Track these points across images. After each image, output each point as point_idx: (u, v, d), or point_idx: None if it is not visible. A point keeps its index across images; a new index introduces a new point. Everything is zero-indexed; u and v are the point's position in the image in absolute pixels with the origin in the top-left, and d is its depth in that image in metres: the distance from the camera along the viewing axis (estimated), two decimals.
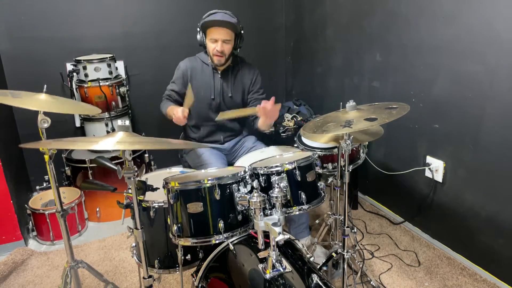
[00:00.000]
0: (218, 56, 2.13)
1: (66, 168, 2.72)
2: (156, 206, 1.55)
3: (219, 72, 2.24)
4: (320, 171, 1.65)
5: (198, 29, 2.15)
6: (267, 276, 1.19)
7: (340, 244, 1.76)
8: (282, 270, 1.21)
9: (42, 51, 2.85)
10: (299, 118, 3.12)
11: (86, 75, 2.67)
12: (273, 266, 1.20)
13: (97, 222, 2.76)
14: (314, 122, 1.62)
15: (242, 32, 2.17)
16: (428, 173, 2.29)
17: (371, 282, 1.93)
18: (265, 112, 1.89)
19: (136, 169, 1.26)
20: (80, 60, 2.68)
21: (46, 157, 1.48)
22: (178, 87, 2.27)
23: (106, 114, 2.73)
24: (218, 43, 2.09)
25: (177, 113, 2.05)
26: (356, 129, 1.40)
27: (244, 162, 1.92)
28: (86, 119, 2.82)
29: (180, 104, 2.24)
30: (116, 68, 2.89)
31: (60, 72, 2.86)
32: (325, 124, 1.52)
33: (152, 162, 3.03)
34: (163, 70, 3.20)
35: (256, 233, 1.27)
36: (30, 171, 3.00)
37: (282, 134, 2.96)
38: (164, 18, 3.15)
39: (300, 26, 3.40)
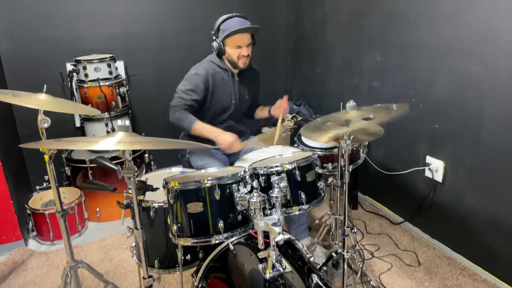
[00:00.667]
0: (245, 58, 2.11)
1: (66, 168, 2.72)
2: (156, 206, 1.55)
3: (236, 75, 2.22)
4: (320, 171, 1.65)
5: (214, 38, 2.11)
6: (267, 276, 1.19)
7: (340, 244, 1.76)
8: (282, 270, 1.20)
9: (42, 51, 2.85)
10: (299, 118, 3.12)
11: (86, 75, 2.67)
12: (273, 266, 1.20)
13: (97, 222, 2.76)
14: (314, 122, 1.62)
15: None
16: (428, 173, 2.28)
17: (371, 282, 1.92)
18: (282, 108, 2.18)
19: (136, 169, 1.26)
20: (80, 60, 2.68)
21: (46, 157, 1.48)
22: (200, 96, 2.10)
23: (106, 114, 2.73)
24: (243, 48, 2.08)
25: (229, 139, 2.00)
26: (355, 129, 1.40)
27: (244, 162, 1.93)
28: (86, 119, 2.82)
29: (199, 114, 2.13)
30: (116, 68, 2.89)
31: (60, 72, 2.86)
32: (325, 124, 1.52)
33: (152, 162, 3.03)
34: (163, 70, 3.21)
35: (256, 233, 1.27)
36: (30, 171, 3.00)
37: (282, 134, 2.96)
38: (164, 18, 3.15)
39: (300, 26, 3.40)
